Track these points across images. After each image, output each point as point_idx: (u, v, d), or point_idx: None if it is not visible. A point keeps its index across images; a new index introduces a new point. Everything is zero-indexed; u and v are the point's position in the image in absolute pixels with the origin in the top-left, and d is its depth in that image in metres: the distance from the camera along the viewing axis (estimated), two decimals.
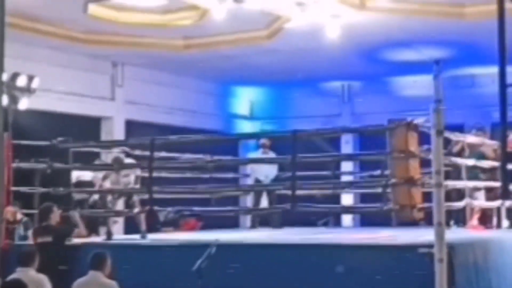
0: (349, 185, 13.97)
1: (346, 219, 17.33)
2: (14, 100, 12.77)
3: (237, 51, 15.60)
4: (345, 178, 16.08)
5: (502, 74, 6.52)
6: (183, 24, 14.44)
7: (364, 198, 15.76)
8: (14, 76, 12.77)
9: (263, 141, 14.29)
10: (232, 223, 15.60)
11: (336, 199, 15.70)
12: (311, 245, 10.24)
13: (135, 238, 11.85)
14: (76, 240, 10.66)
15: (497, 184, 12.65)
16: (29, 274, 8.27)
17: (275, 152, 14.00)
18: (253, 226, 14.58)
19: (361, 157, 13.03)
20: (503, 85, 6.53)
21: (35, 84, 12.97)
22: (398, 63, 16.64)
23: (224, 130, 18.82)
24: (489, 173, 12.93)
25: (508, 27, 6.76)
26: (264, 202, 14.47)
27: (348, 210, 13.48)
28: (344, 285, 9.13)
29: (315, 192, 13.68)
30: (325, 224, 15.27)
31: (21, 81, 12.82)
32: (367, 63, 16.76)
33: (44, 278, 8.23)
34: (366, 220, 15.62)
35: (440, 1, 13.39)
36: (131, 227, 12.83)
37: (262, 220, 14.74)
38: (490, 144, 13.03)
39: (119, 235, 12.77)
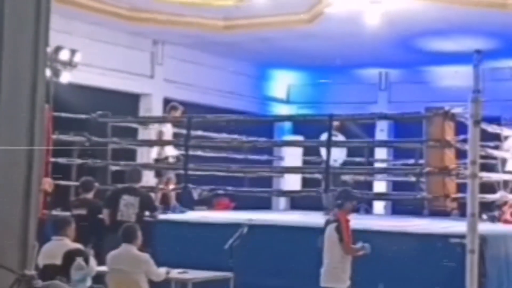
0: (383, 171, 13.93)
1: (378, 206, 17.30)
2: (56, 73, 12.91)
3: (277, 34, 15.62)
4: (378, 166, 16.06)
5: None
6: (225, 4, 14.49)
7: (396, 186, 15.73)
8: (57, 49, 12.88)
9: (334, 123, 13.54)
10: (265, 205, 15.70)
11: (368, 186, 15.71)
12: None
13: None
14: None
15: None
16: (63, 243, 8.45)
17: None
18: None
19: (397, 144, 13.01)
20: None
21: (77, 58, 13.10)
22: (437, 53, 16.54)
23: (259, 112, 18.87)
24: None
25: None
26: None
27: (380, 197, 13.48)
28: (374, 270, 9.18)
29: (347, 178, 13.71)
30: (356, 211, 15.28)
31: (64, 55, 12.94)
32: (405, 51, 16.68)
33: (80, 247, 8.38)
34: (398, 209, 15.59)
35: None
36: None
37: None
38: None
39: None
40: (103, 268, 8.56)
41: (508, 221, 12.34)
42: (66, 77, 13.06)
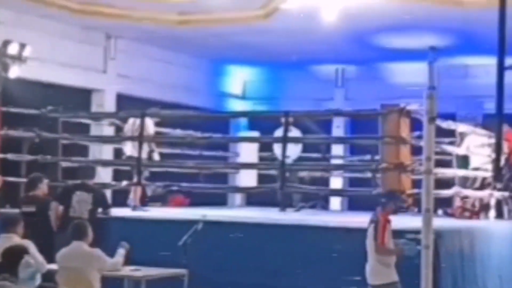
0: (339, 168, 13.93)
1: (334, 203, 17.31)
2: (4, 67, 12.66)
3: (232, 30, 15.48)
4: (335, 162, 16.05)
5: (501, 64, 6.42)
6: None
7: (353, 182, 15.74)
8: (6, 43, 12.65)
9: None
10: (220, 201, 15.60)
11: (325, 182, 15.68)
12: (299, 226, 10.25)
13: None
14: None
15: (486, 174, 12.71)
16: (13, 240, 8.27)
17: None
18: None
19: (353, 140, 13.00)
20: (501, 74, 6.44)
21: (27, 52, 12.84)
22: (393, 50, 16.57)
23: (215, 108, 18.73)
24: None
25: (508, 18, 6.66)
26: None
27: (337, 193, 13.47)
28: (331, 266, 9.15)
29: (304, 174, 13.67)
30: (313, 207, 15.25)
31: (13, 49, 12.69)
32: (362, 47, 16.67)
33: (29, 243, 8.18)
34: (354, 205, 15.60)
35: None
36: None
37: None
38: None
39: None
40: (53, 266, 8.39)
41: (463, 216, 12.41)
42: (15, 72, 12.80)
